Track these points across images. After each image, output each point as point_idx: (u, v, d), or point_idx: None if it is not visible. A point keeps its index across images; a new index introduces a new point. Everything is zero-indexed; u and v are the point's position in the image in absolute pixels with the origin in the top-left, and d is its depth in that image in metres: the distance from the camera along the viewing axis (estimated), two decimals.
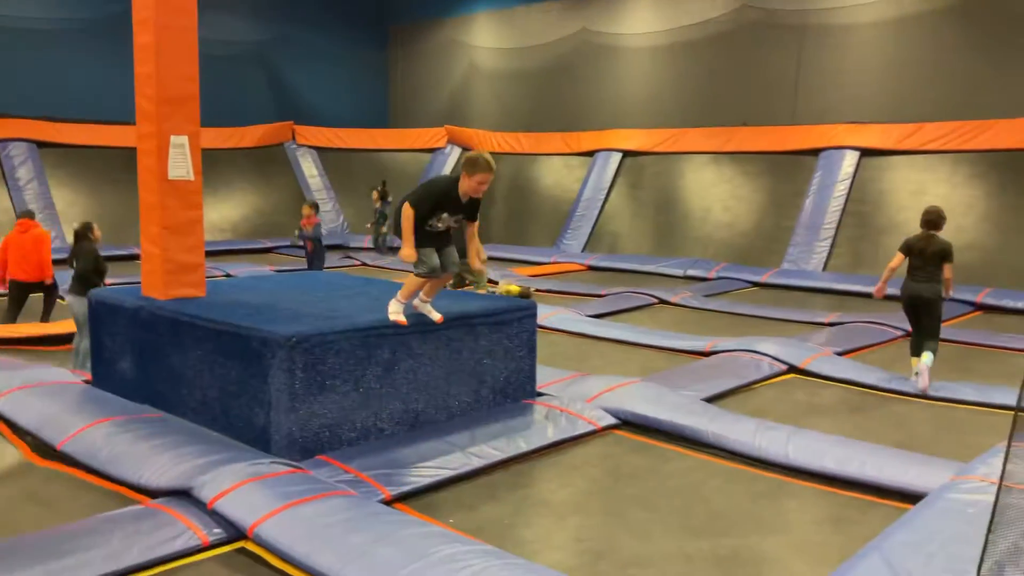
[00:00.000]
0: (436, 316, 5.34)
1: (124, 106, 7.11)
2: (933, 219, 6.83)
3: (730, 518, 4.37)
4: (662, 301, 11.13)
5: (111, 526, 3.94)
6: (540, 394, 6.13)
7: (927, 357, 6.70)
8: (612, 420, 5.75)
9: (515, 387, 5.95)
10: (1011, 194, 12.25)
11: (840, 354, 7.86)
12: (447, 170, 19.11)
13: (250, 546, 3.93)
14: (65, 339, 7.95)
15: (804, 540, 4.12)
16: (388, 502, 4.38)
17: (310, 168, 19.18)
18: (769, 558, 3.93)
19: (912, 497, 4.40)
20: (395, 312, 5.21)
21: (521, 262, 15.27)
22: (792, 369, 7.33)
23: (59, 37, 16.86)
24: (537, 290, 11.57)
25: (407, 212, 5.02)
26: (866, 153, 13.75)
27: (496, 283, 12.18)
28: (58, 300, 9.05)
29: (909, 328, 8.97)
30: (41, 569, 3.52)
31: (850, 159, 13.81)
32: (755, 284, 12.88)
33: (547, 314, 9.25)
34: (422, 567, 3.40)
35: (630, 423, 5.75)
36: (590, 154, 17.06)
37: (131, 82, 5.90)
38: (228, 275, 12.11)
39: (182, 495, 4.30)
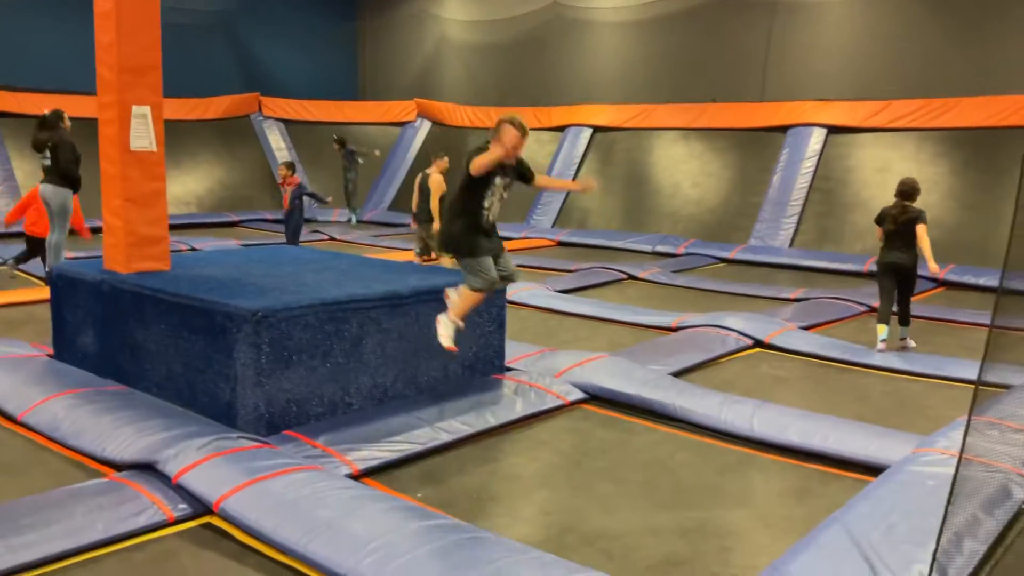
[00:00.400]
0: (453, 345, 4.94)
1: (86, 76, 6.94)
2: (907, 190, 7.02)
3: (696, 491, 4.42)
4: (631, 277, 11.17)
5: (73, 500, 3.89)
6: (509, 369, 6.14)
7: (883, 330, 7.06)
8: (580, 395, 5.78)
9: (484, 362, 5.95)
10: (974, 172, 12.42)
11: (805, 328, 7.95)
12: (416, 145, 18.96)
13: (216, 521, 3.90)
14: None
15: (768, 512, 4.18)
16: (356, 477, 4.37)
17: (277, 140, 18.93)
18: (734, 530, 3.98)
19: (874, 469, 4.47)
20: (446, 336, 4.79)
21: None
22: (757, 343, 7.41)
23: (19, 5, 16.41)
24: None
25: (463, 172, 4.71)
26: (833, 130, 13.85)
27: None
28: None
29: (873, 303, 9.19)
30: (2, 545, 3.47)
31: (817, 136, 13.91)
32: (723, 260, 12.97)
33: (516, 289, 9.24)
34: (389, 541, 3.40)
35: (598, 397, 5.79)
36: (561, 129, 17.01)
37: (93, 51, 5.76)
38: (193, 249, 11.94)
39: (146, 469, 4.26)
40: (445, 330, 4.87)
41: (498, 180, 4.81)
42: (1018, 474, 4.03)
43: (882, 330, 7.06)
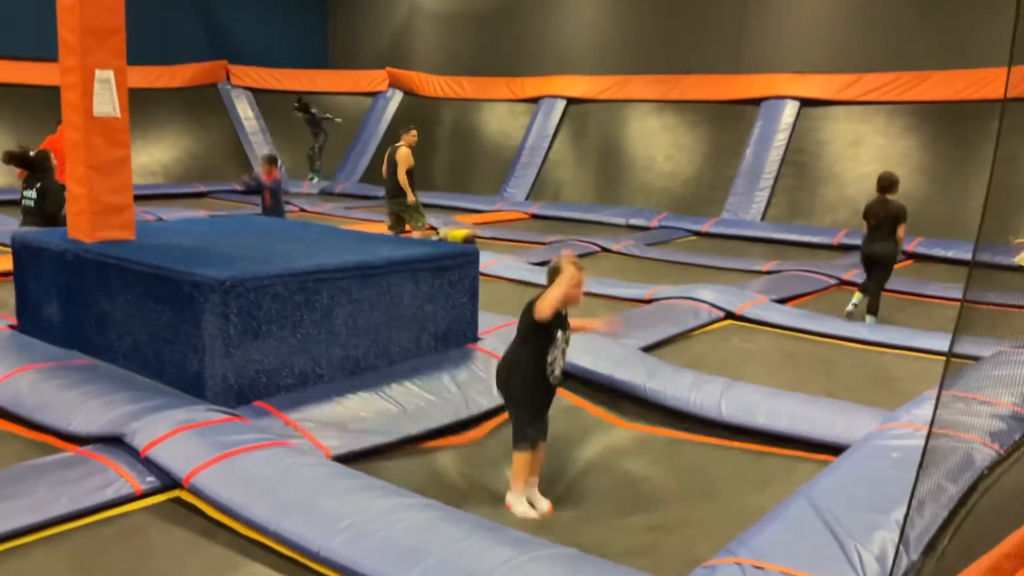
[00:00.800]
0: (542, 506, 4.11)
1: (47, 41, 6.76)
2: (885, 184, 7.40)
3: (664, 484, 4.35)
4: (604, 249, 11.17)
5: (36, 474, 3.82)
6: (482, 340, 6.10)
7: (869, 319, 7.41)
8: None
9: (457, 333, 5.91)
10: (944, 145, 12.52)
11: (776, 301, 7.99)
12: (388, 115, 18.72)
13: (185, 495, 3.85)
14: None
15: (733, 503, 4.13)
16: (327, 452, 4.32)
17: (245, 110, 18.62)
18: (697, 521, 3.94)
19: (840, 450, 4.47)
20: (522, 511, 4.04)
21: (464, 210, 15.13)
22: (729, 315, 7.44)
23: None
24: (479, 237, 11.48)
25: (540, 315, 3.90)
26: (806, 103, 13.88)
27: (437, 230, 12.07)
28: None
29: (843, 276, 9.29)
30: None
31: (790, 109, 13.93)
32: (696, 233, 13.00)
33: (490, 261, 9.20)
34: (361, 519, 3.36)
35: (570, 375, 5.74)
36: (534, 100, 16.89)
37: (55, 14, 5.59)
38: (160, 220, 11.75)
39: (113, 442, 4.19)
40: (518, 507, 4.07)
41: (559, 334, 4.08)
42: (982, 443, 4.08)
43: (856, 295, 7.65)
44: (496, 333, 6.27)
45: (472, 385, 5.36)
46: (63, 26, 5.52)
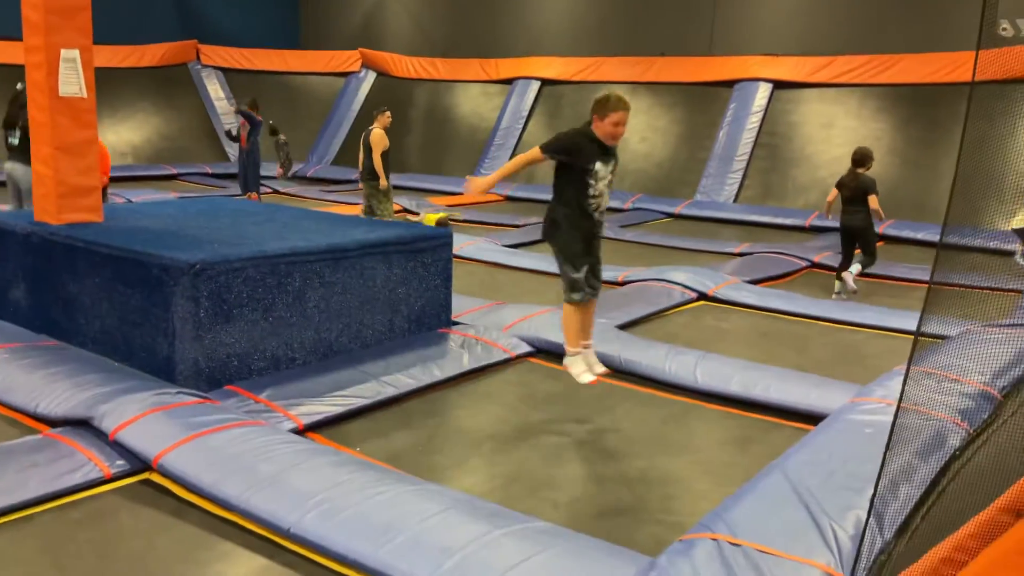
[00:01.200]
0: (598, 369, 4.38)
1: (12, 20, 6.63)
2: (858, 158, 7.68)
3: (639, 441, 4.46)
4: None
5: (5, 458, 3.77)
6: (456, 323, 6.10)
7: (855, 267, 7.78)
8: (527, 348, 5.78)
9: (430, 316, 5.89)
10: (915, 128, 12.63)
11: (748, 282, 8.04)
12: (361, 96, 18.55)
13: (155, 477, 3.82)
14: None
15: (710, 460, 4.24)
16: (300, 431, 4.31)
17: (216, 90, 18.38)
18: (676, 478, 4.03)
19: (814, 418, 4.56)
20: (579, 371, 4.31)
21: (438, 192, 15.07)
22: (702, 296, 7.48)
23: None
24: (456, 221, 11.45)
25: (536, 154, 4.28)
26: (779, 85, 13.93)
27: (417, 214, 12.02)
28: None
29: (815, 258, 9.37)
30: None
31: (763, 91, 13.98)
32: (669, 215, 13.04)
33: (464, 244, 9.17)
34: (334, 495, 3.36)
35: (545, 351, 5.78)
36: (508, 82, 16.81)
37: None
38: (130, 202, 11.59)
39: (82, 425, 4.14)
40: (575, 367, 4.32)
41: (599, 165, 4.21)
42: (953, 422, 4.14)
43: (837, 285, 7.87)
44: (470, 315, 6.27)
45: (445, 357, 5.40)
46: (27, 4, 5.40)
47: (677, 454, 4.30)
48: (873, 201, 7.53)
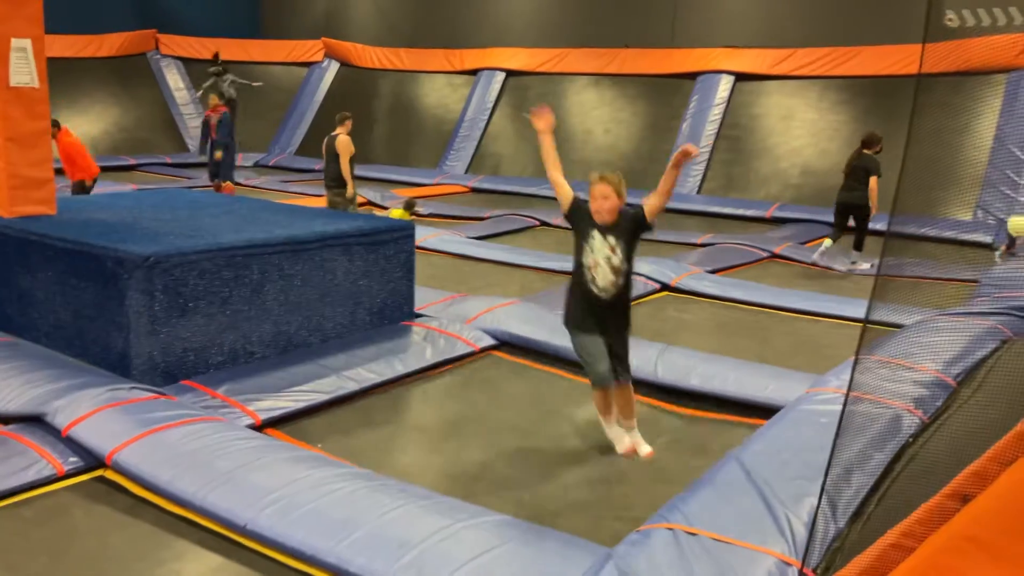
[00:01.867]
0: (644, 450, 4.05)
1: None
2: (864, 139, 8.35)
3: (602, 440, 4.42)
4: (544, 223, 11.18)
5: None
6: (419, 316, 6.07)
7: (826, 242, 8.61)
8: (491, 341, 5.76)
9: (393, 309, 5.86)
10: (874, 120, 12.76)
11: (710, 272, 8.11)
12: (324, 87, 18.40)
13: (109, 474, 3.77)
14: None
15: (670, 460, 4.22)
16: (258, 427, 4.27)
17: (176, 80, 18.11)
18: (636, 477, 4.02)
19: (771, 411, 4.59)
20: (613, 435, 4.08)
21: (403, 183, 14.99)
22: (664, 287, 7.53)
23: None
24: (417, 214, 11.36)
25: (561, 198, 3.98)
26: (740, 78, 14.03)
27: (384, 207, 11.93)
28: None
29: (775, 249, 9.47)
30: None
31: (725, 83, 14.07)
32: (633, 207, 13.08)
33: (427, 235, 9.14)
34: (291, 491, 3.33)
35: (508, 344, 5.78)
36: (473, 72, 16.75)
37: None
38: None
39: (34, 422, 4.07)
40: (610, 432, 4.11)
41: (595, 233, 3.93)
42: (907, 410, 4.21)
43: (824, 241, 8.68)
44: (433, 308, 6.25)
45: (407, 351, 5.37)
46: None
47: (637, 458, 4.27)
48: (873, 182, 8.03)
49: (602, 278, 3.90)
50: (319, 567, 3.04)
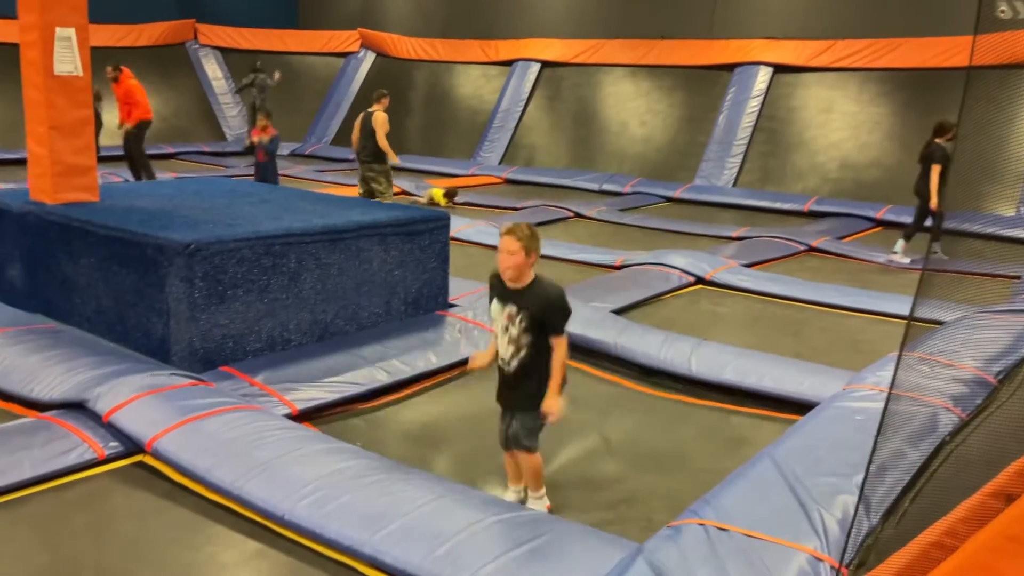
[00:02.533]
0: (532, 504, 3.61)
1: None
2: (936, 127, 8.22)
3: (634, 439, 4.39)
4: (578, 215, 11.14)
5: None
6: (453, 306, 6.09)
7: (897, 244, 8.57)
8: None
9: (428, 299, 5.89)
10: (914, 113, 12.56)
11: (746, 266, 8.03)
12: (360, 77, 18.47)
13: (149, 460, 3.83)
14: None
15: (702, 458, 4.18)
16: (294, 417, 4.31)
17: (214, 70, 18.29)
18: (669, 476, 3.99)
19: (807, 407, 4.54)
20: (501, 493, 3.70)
21: (437, 174, 15.03)
22: (699, 280, 7.48)
23: None
24: (452, 203, 11.39)
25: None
26: (779, 69, 13.85)
27: (419, 197, 12.00)
28: None
29: (812, 243, 9.36)
30: None
31: (763, 75, 13.90)
32: (668, 199, 13.01)
33: (462, 226, 9.15)
34: (327, 483, 3.37)
35: None
36: (508, 63, 16.72)
37: None
38: (127, 181, 11.56)
39: (76, 408, 4.14)
40: (507, 496, 3.70)
41: (495, 304, 3.46)
42: (945, 408, 4.15)
43: (897, 243, 8.66)
44: (467, 298, 6.26)
45: (442, 343, 5.37)
46: None
47: (670, 453, 4.25)
48: (934, 171, 7.95)
49: (503, 348, 3.42)
50: (355, 558, 3.08)
